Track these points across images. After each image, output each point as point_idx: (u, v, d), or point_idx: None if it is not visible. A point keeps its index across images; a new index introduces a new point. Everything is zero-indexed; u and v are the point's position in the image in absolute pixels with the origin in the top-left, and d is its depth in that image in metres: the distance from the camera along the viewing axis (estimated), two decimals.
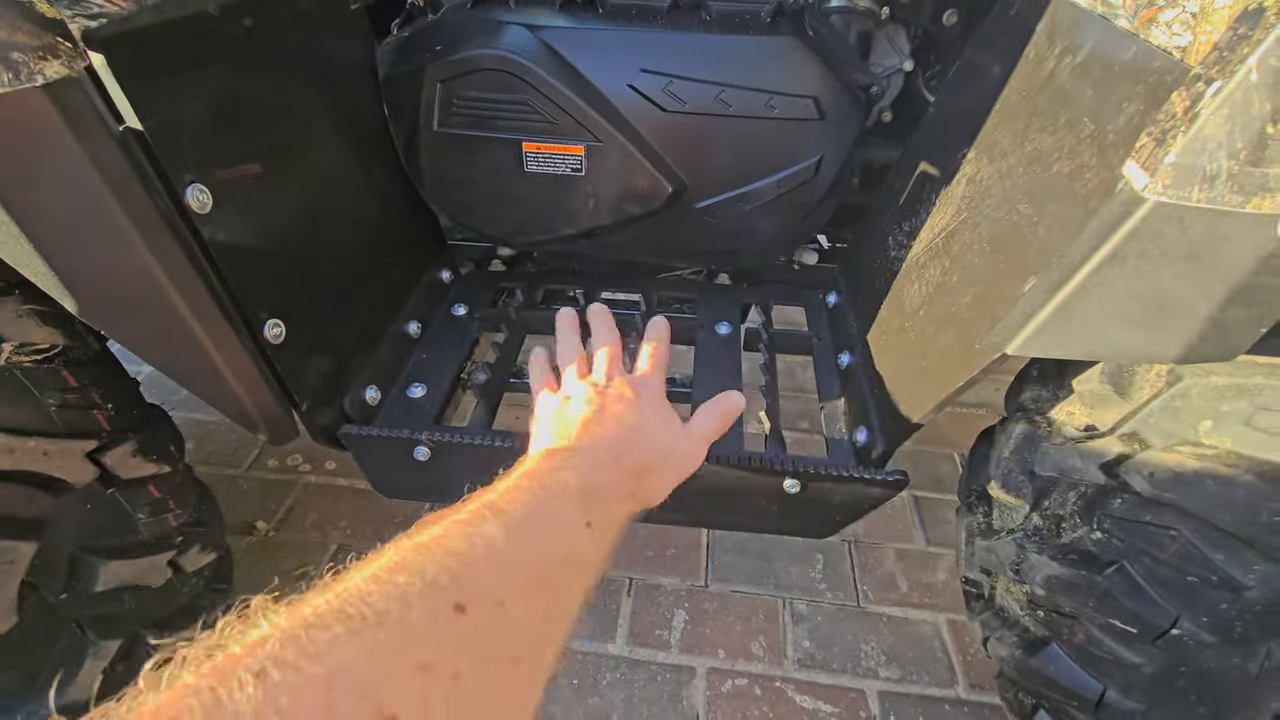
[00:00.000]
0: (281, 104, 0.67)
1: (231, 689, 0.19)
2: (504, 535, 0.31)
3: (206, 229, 0.54)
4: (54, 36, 0.42)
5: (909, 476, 0.69)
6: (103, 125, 0.47)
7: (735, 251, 0.96)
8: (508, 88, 0.79)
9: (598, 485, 0.42)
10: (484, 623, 0.27)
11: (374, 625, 0.23)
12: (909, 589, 1.23)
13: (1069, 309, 0.44)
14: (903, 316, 0.73)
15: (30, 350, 0.57)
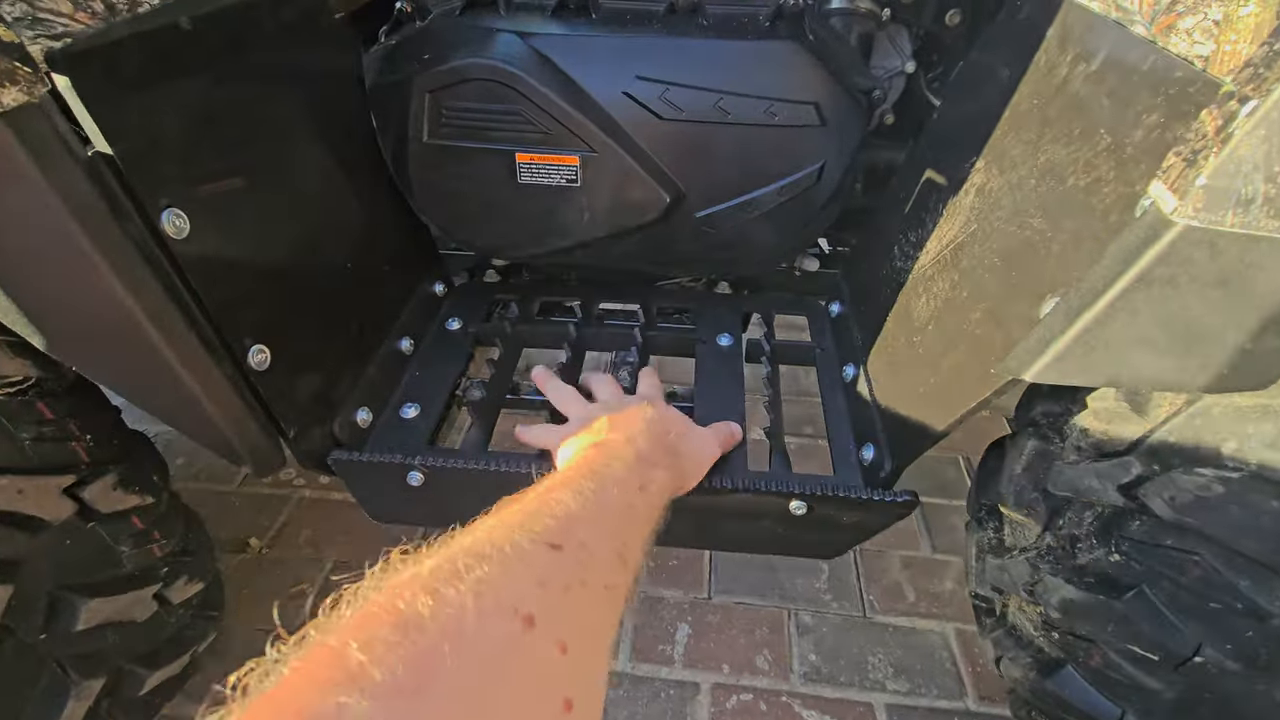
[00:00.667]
0: (262, 119, 0.64)
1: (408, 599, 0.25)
2: (574, 498, 0.38)
3: (184, 255, 0.52)
4: (11, 61, 0.40)
5: (918, 497, 0.67)
6: (68, 152, 0.44)
7: (736, 260, 0.93)
8: (499, 97, 0.77)
9: (644, 459, 0.51)
10: (575, 558, 0.33)
11: (496, 559, 0.29)
12: (916, 598, 1.21)
13: (1091, 336, 0.42)
14: (910, 330, 0.71)
15: (2, 383, 0.55)
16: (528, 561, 0.30)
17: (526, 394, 0.87)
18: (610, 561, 0.37)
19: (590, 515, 0.38)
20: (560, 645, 0.28)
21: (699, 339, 0.92)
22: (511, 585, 0.28)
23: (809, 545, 0.75)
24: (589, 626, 0.32)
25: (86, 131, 0.46)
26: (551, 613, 0.28)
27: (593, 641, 0.32)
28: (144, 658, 0.72)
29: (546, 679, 0.27)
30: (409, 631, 0.24)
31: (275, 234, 0.65)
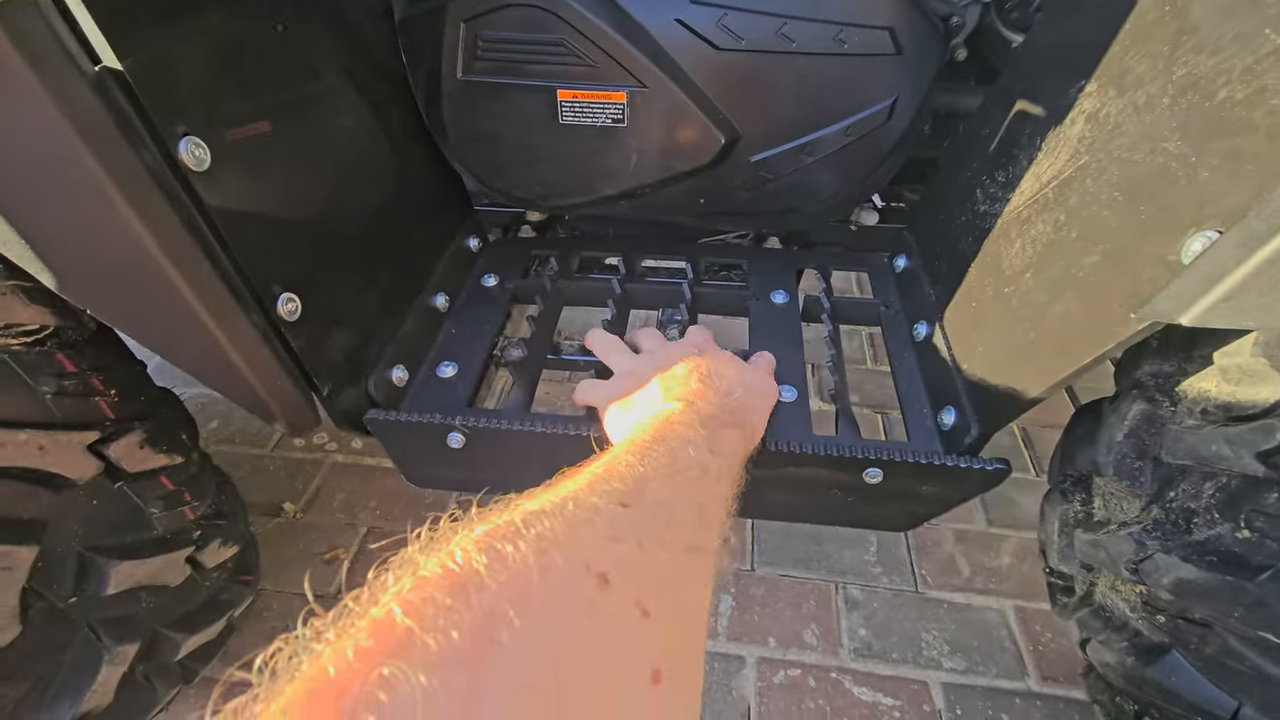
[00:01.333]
0: (286, 50, 0.58)
1: (461, 562, 0.22)
2: (640, 461, 0.35)
3: (204, 189, 0.47)
4: None
5: (1010, 466, 0.61)
6: (71, 63, 0.39)
7: (793, 210, 0.86)
8: (540, 26, 0.70)
9: (712, 416, 0.48)
10: (650, 514, 0.31)
11: (560, 516, 0.26)
12: (971, 573, 1.15)
13: (1273, 272, 0.35)
14: (1000, 281, 0.64)
15: (18, 332, 0.50)
16: (596, 519, 0.27)
17: (568, 354, 0.82)
18: (690, 522, 0.33)
19: (662, 476, 0.35)
20: (641, 607, 0.25)
21: (752, 296, 0.85)
22: (580, 541, 0.25)
23: (882, 517, 0.69)
24: (672, 590, 0.29)
25: (93, 43, 0.40)
26: (628, 571, 0.26)
27: (678, 606, 0.29)
28: (179, 622, 0.70)
29: (629, 646, 0.24)
30: (465, 593, 0.20)
31: (302, 175, 0.59)
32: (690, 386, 0.53)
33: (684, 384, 0.53)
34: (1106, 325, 0.48)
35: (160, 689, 0.72)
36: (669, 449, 0.39)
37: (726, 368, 0.59)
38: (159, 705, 0.75)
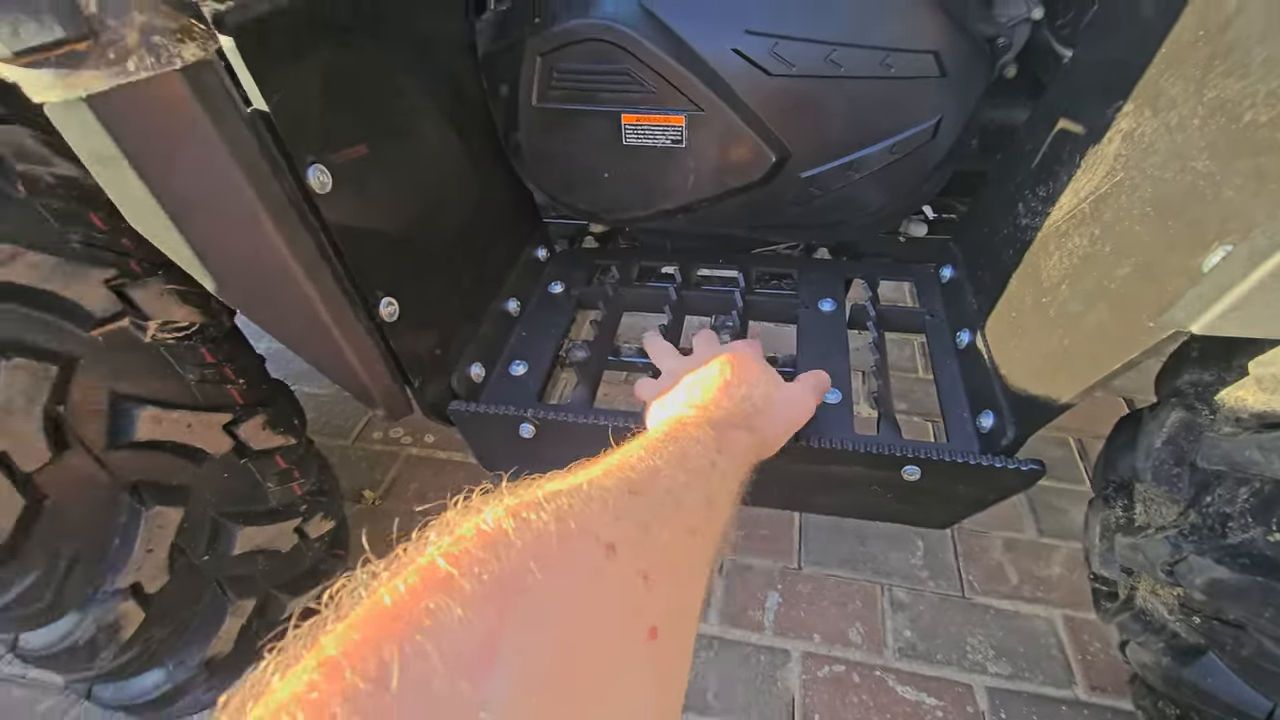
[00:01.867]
0: (388, 84, 0.67)
1: (491, 522, 0.25)
2: (649, 455, 0.38)
3: (326, 209, 0.55)
4: (189, 19, 0.43)
5: (1045, 466, 0.64)
6: (233, 107, 0.48)
7: (841, 223, 0.90)
8: (607, 57, 0.77)
9: (720, 424, 0.51)
10: (657, 500, 0.34)
11: (576, 495, 0.29)
12: (1019, 581, 1.16)
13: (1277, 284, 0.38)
14: (1039, 291, 0.67)
15: (172, 328, 0.61)
16: (607, 500, 0.31)
17: (627, 355, 0.89)
18: (695, 509, 0.37)
19: (672, 468, 0.38)
20: (643, 575, 0.28)
21: (800, 304, 0.90)
22: (591, 515, 0.29)
23: (919, 514, 0.72)
24: (672, 564, 0.32)
25: (246, 90, 0.49)
26: (632, 544, 0.29)
27: (677, 578, 0.32)
28: (287, 585, 0.80)
29: (630, 605, 0.28)
30: (496, 549, 0.24)
31: (401, 195, 0.68)
32: (710, 393, 0.57)
33: (705, 389, 0.58)
34: (1134, 334, 0.51)
35: None
36: (680, 446, 0.42)
37: (752, 376, 0.62)
38: None
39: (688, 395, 0.58)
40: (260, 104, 0.50)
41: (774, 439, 0.60)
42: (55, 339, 0.55)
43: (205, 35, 0.44)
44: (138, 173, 0.45)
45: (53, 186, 0.57)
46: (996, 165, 0.88)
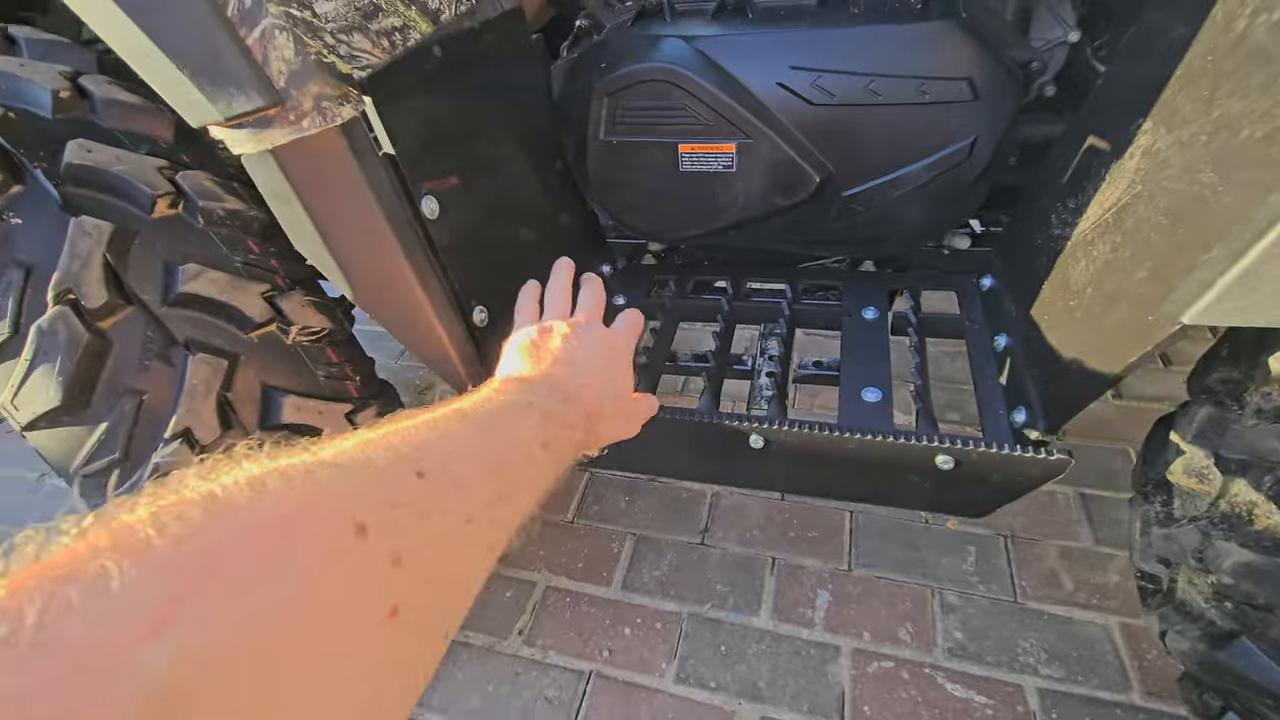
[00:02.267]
0: (481, 125, 0.79)
1: (227, 485, 0.23)
2: (466, 430, 0.37)
3: (435, 231, 0.67)
4: (346, 87, 0.56)
5: (1074, 456, 0.68)
6: (372, 152, 0.60)
7: (883, 238, 0.97)
8: (666, 96, 0.87)
9: (555, 414, 0.47)
10: (441, 486, 0.32)
11: (350, 470, 0.28)
12: (1074, 588, 1.17)
13: (1255, 274, 0.44)
14: (1067, 295, 0.72)
15: (308, 332, 0.74)
16: (383, 481, 0.30)
17: (683, 361, 0.97)
18: (482, 498, 0.35)
19: (474, 452, 0.37)
20: (394, 558, 0.27)
21: (844, 313, 0.96)
22: (354, 497, 0.27)
23: (954, 502, 0.78)
24: (436, 549, 0.31)
25: (379, 138, 0.62)
26: (389, 529, 0.28)
27: (437, 562, 0.31)
28: None
29: (369, 586, 0.26)
30: (215, 517, 0.22)
31: (489, 219, 0.80)
32: (558, 388, 0.51)
33: (557, 382, 0.52)
34: (1147, 330, 0.57)
35: None
36: (495, 426, 0.40)
37: (620, 375, 0.59)
38: None
39: (546, 372, 0.53)
40: (388, 148, 0.62)
41: (601, 443, 0.56)
42: (225, 339, 0.69)
43: (356, 98, 0.57)
44: (303, 206, 0.57)
45: (222, 218, 0.71)
46: (1034, 180, 0.93)
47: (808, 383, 0.98)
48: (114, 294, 0.65)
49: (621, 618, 1.20)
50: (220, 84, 0.50)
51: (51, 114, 0.70)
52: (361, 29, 0.60)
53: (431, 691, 1.13)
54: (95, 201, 0.68)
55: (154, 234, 0.68)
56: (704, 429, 0.79)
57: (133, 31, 0.49)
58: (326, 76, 0.53)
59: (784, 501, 1.37)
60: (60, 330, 0.62)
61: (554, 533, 1.36)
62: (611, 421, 0.57)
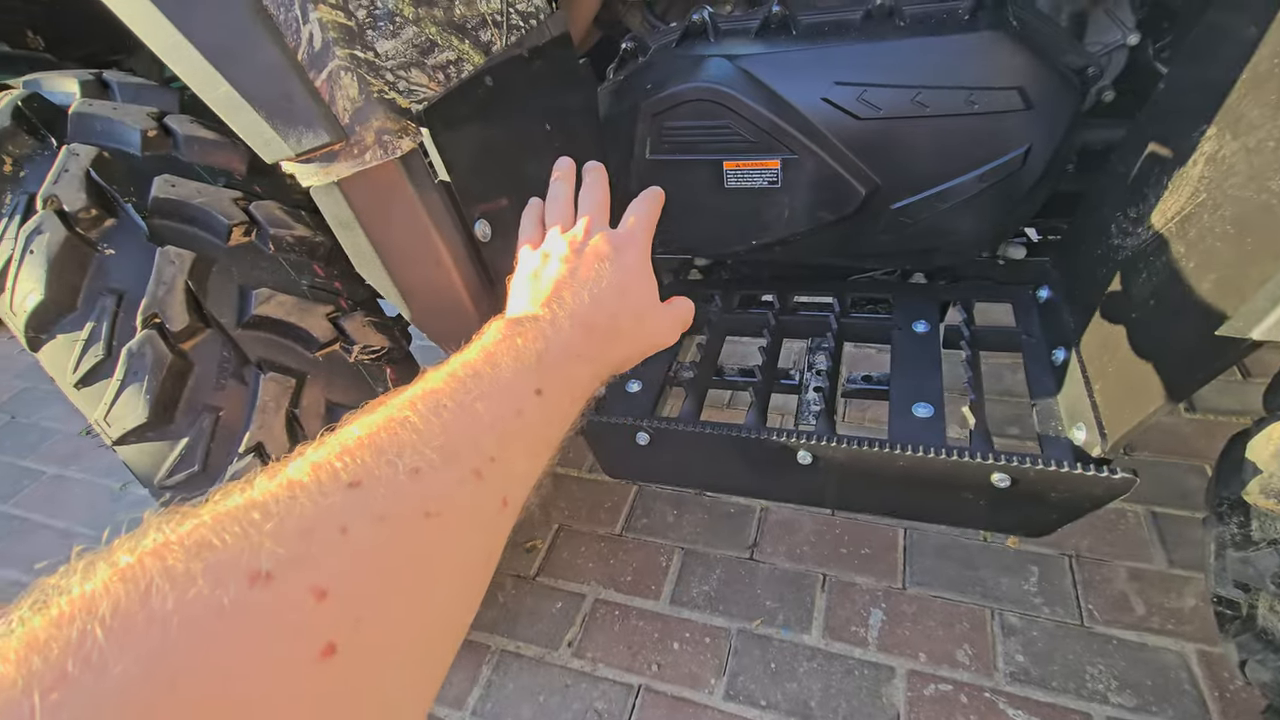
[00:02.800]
0: (530, 149, 0.82)
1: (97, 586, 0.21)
2: (428, 415, 0.32)
3: (487, 253, 0.70)
4: (405, 120, 0.59)
5: (1142, 473, 0.66)
6: (429, 181, 0.63)
7: (934, 250, 0.95)
8: (711, 114, 0.88)
9: (549, 352, 0.41)
10: (378, 492, 0.28)
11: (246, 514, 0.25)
12: (1146, 612, 1.11)
13: None
14: (1130, 308, 0.70)
15: (369, 351, 0.77)
16: (296, 508, 0.26)
17: (730, 376, 0.98)
18: (448, 485, 0.31)
19: (438, 432, 0.32)
20: (316, 592, 0.24)
21: (894, 326, 0.95)
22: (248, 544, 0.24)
23: (1011, 521, 0.75)
24: (374, 564, 0.27)
25: (435, 166, 0.65)
26: (304, 563, 0.25)
27: (389, 575, 0.27)
28: None
29: (283, 634, 0.23)
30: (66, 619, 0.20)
31: None
32: (560, 323, 0.44)
33: (558, 315, 0.45)
34: (1216, 346, 0.54)
35: None
36: (474, 403, 0.34)
37: (636, 287, 0.51)
38: None
39: (544, 305, 0.46)
40: (444, 175, 0.65)
41: (624, 364, 0.50)
42: (293, 359, 0.73)
43: (414, 131, 0.60)
44: (365, 232, 0.60)
45: (291, 245, 0.76)
46: (1093, 187, 0.90)
47: (856, 397, 0.97)
48: (194, 317, 0.70)
49: (670, 632, 1.20)
50: (292, 123, 0.54)
51: (140, 152, 0.76)
52: (419, 64, 0.63)
53: (484, 700, 1.15)
54: (178, 232, 0.73)
55: (230, 261, 0.73)
56: (751, 444, 0.79)
57: (216, 78, 0.53)
58: (387, 112, 0.57)
59: (834, 517, 1.35)
60: (148, 352, 0.68)
61: (602, 545, 1.38)
62: (634, 340, 0.50)
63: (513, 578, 1.34)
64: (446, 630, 0.30)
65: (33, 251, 0.69)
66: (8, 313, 0.73)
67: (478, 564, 0.32)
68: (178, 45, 0.52)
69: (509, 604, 1.29)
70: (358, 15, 0.57)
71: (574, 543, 1.39)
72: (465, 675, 1.19)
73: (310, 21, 0.53)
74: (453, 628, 0.31)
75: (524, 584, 1.33)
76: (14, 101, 0.77)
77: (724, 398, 1.65)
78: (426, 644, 0.29)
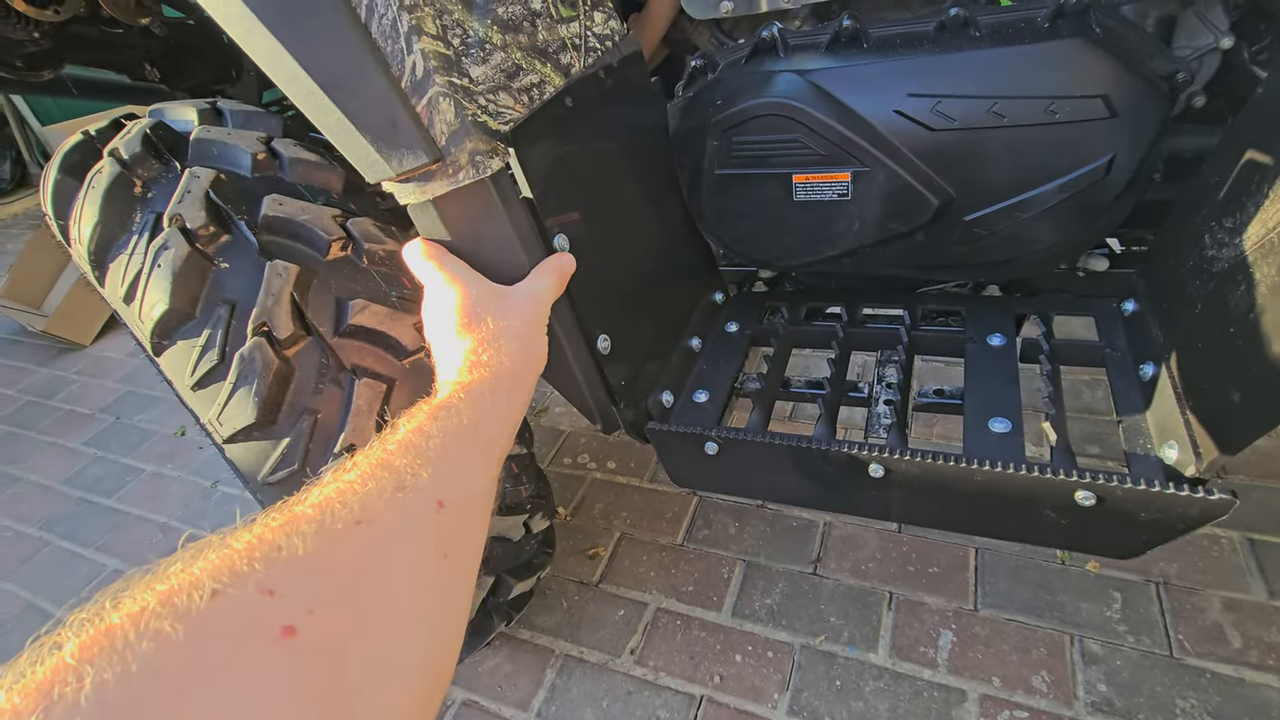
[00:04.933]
0: (604, 165, 0.85)
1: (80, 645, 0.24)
2: (369, 449, 0.40)
3: None
4: (495, 141, 0.62)
5: (1238, 497, 0.63)
6: (516, 197, 0.66)
7: (1010, 262, 0.93)
8: (780, 129, 0.89)
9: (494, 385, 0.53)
10: (320, 508, 0.34)
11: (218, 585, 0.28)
12: (1244, 645, 1.04)
13: None
14: (1226, 321, 0.67)
15: None
16: (258, 534, 0.31)
17: (796, 387, 0.98)
18: (373, 495, 0.36)
19: (375, 458, 0.39)
20: (264, 591, 0.28)
21: (968, 339, 0.93)
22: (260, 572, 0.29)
23: (1095, 541, 0.73)
24: (312, 565, 0.31)
25: (520, 184, 0.68)
26: (249, 575, 0.28)
27: (323, 575, 0.31)
28: (513, 570, 0.98)
29: (246, 621, 0.27)
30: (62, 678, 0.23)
31: (611, 252, 0.85)
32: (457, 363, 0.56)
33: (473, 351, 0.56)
34: None
35: (495, 621, 1.00)
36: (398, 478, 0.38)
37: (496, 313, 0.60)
38: (490, 635, 1.04)
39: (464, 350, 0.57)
40: (527, 192, 0.69)
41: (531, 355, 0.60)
42: (384, 365, 0.78)
43: (502, 151, 0.63)
44: (456, 246, 0.64)
45: (383, 259, 0.81)
46: (1186, 195, 0.86)
47: (928, 410, 0.95)
48: (298, 326, 0.75)
49: (732, 644, 1.20)
50: (394, 146, 0.58)
51: (251, 174, 0.83)
52: (506, 88, 0.67)
53: (549, 703, 1.18)
54: (284, 247, 0.79)
55: (329, 273, 0.79)
56: (821, 456, 0.79)
57: (329, 106, 0.58)
58: (480, 134, 0.60)
59: (900, 534, 1.32)
60: (257, 358, 0.73)
61: (664, 554, 1.39)
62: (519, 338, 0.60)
63: (575, 583, 1.36)
64: (406, 623, 0.33)
65: (160, 265, 0.76)
66: (135, 321, 0.80)
67: (424, 561, 0.36)
68: (296, 76, 0.57)
69: (572, 609, 1.32)
70: (454, 44, 0.61)
71: (635, 551, 1.40)
72: (531, 678, 1.22)
73: (414, 52, 0.58)
74: (412, 622, 0.34)
75: (587, 590, 1.35)
76: (143, 129, 0.86)
77: (786, 411, 1.64)
78: (385, 634, 0.32)
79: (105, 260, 0.83)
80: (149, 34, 1.37)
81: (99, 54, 1.37)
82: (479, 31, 0.64)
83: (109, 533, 1.79)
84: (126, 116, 0.96)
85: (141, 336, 0.80)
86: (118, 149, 0.84)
